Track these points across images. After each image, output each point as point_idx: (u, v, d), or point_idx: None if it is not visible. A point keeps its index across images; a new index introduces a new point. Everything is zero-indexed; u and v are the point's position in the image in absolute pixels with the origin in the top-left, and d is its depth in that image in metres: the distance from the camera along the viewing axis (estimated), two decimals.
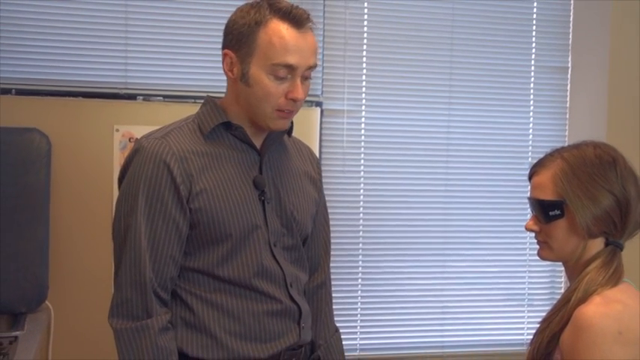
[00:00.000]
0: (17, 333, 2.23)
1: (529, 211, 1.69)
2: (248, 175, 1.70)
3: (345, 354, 2.98)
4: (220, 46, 1.72)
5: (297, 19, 1.63)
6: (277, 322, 1.70)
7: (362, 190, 3.02)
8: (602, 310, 1.50)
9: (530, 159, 3.15)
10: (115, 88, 2.73)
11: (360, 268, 3.04)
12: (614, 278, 1.58)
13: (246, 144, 1.72)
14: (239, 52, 1.66)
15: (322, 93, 2.95)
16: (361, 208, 3.02)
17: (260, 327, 1.68)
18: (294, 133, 1.89)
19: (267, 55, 1.62)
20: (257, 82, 1.64)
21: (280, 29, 1.62)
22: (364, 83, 3.02)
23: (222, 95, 1.77)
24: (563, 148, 1.68)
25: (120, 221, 1.65)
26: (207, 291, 1.67)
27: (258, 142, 1.74)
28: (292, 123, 1.81)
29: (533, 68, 3.20)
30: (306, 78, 1.68)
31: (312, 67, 1.68)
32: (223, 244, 1.65)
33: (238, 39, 1.65)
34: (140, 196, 1.61)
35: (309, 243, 1.90)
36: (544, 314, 1.65)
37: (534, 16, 3.19)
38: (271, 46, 1.62)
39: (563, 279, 3.17)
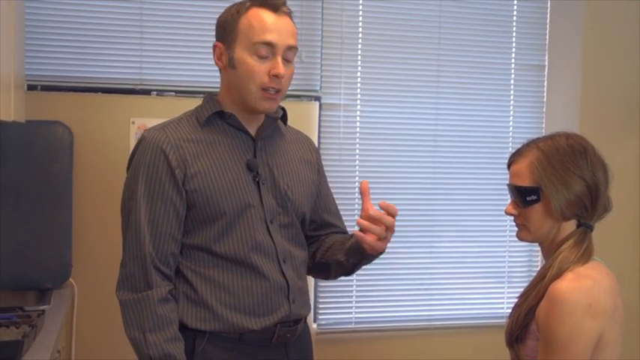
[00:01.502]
0: (44, 307, 2.24)
1: (508, 196, 1.71)
2: (241, 159, 1.71)
3: (342, 327, 3.04)
4: None
5: (274, 5, 1.68)
6: (269, 297, 1.69)
7: (357, 177, 3.04)
8: (574, 285, 1.52)
9: (510, 149, 3.15)
10: (131, 84, 2.74)
11: None
12: (585, 256, 1.59)
13: (240, 131, 1.74)
14: (225, 41, 1.70)
15: (321, 88, 2.96)
16: (356, 194, 3.03)
17: (253, 301, 1.68)
18: (296, 126, 1.90)
19: (248, 37, 1.66)
20: (241, 62, 1.67)
21: (259, 13, 1.67)
22: (359, 79, 3.02)
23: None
24: (538, 138, 1.68)
25: (124, 204, 1.69)
26: (205, 267, 1.68)
27: (252, 130, 1.75)
28: (285, 111, 1.82)
29: (513, 66, 3.21)
30: (288, 61, 1.69)
31: (292, 48, 1.69)
32: (218, 221, 1.67)
33: (224, 29, 1.71)
34: (140, 181, 1.64)
35: (326, 217, 1.91)
36: (522, 290, 1.67)
37: (514, 17, 3.20)
38: (251, 27, 1.66)
39: (539, 258, 3.19)
